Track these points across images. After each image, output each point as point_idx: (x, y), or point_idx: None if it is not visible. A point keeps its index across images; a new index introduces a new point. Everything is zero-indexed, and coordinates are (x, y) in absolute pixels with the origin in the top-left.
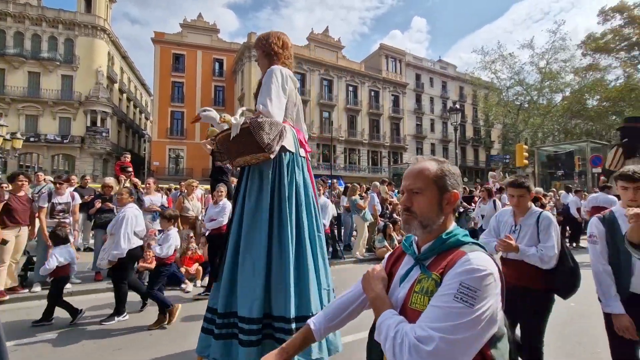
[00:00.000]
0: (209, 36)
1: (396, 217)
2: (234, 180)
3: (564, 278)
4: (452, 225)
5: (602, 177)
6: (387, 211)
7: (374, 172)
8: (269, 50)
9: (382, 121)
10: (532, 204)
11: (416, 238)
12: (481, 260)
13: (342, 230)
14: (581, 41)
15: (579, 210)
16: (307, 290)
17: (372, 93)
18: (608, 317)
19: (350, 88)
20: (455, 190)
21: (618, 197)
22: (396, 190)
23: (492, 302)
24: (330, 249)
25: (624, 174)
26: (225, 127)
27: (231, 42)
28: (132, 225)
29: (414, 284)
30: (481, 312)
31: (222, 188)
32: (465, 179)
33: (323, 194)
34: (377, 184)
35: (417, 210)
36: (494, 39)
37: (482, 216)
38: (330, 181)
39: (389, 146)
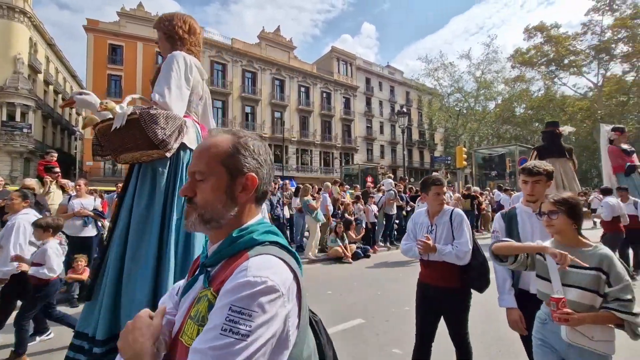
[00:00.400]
0: (150, 27)
1: (348, 217)
2: None
3: (476, 273)
4: (254, 219)
5: None
6: (339, 211)
7: (326, 172)
8: (172, 33)
9: (334, 122)
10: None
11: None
12: (260, 269)
13: (294, 232)
14: (510, 55)
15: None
16: None
17: (324, 94)
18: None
19: (303, 89)
20: (252, 173)
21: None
22: (348, 191)
23: (277, 325)
24: None
25: (524, 168)
26: (109, 115)
27: None
28: (25, 235)
29: (192, 303)
30: (260, 343)
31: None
32: (412, 179)
33: (274, 194)
34: (329, 184)
35: (198, 201)
36: (436, 49)
37: None
38: (282, 182)
39: (341, 147)
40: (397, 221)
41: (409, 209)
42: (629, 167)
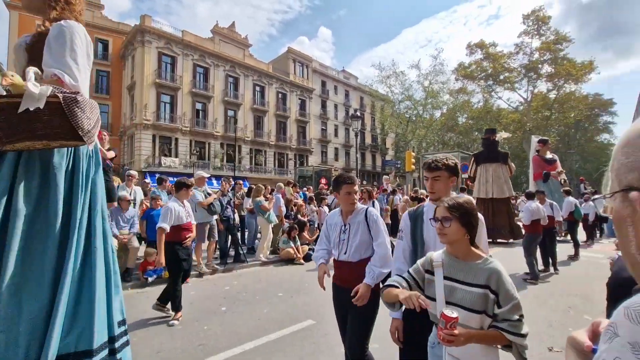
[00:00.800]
0: (89, 11)
1: (301, 218)
2: (117, 180)
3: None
4: None
5: (468, 182)
6: (292, 212)
7: (281, 173)
8: None
9: (289, 124)
10: (358, 203)
11: None
12: None
13: (246, 233)
14: (454, 68)
15: None
16: (90, 317)
17: (280, 95)
18: None
19: (258, 88)
20: None
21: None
22: (301, 192)
23: None
24: (233, 253)
25: (425, 163)
26: (3, 93)
27: (119, 23)
28: None
29: None
30: None
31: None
32: (365, 182)
33: (225, 194)
34: (282, 185)
35: None
36: (389, 57)
37: None
38: (234, 182)
39: (296, 148)
40: None
41: None
42: (545, 174)
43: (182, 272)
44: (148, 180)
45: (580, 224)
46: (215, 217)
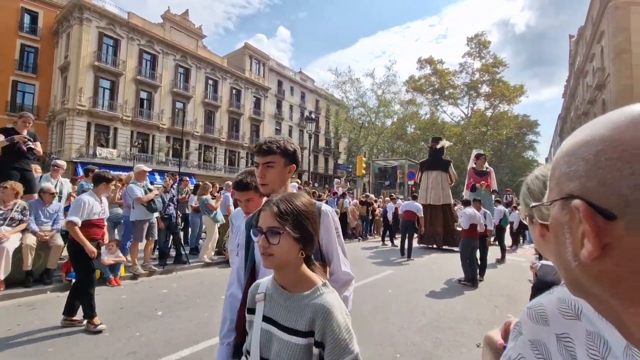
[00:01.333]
0: None
1: None
2: (37, 169)
3: None
4: None
5: (413, 188)
6: None
7: (231, 172)
8: None
9: (243, 121)
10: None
11: None
12: None
13: (189, 232)
14: (406, 80)
15: (395, 212)
16: None
17: (234, 91)
18: None
19: (211, 81)
20: None
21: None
22: None
23: None
24: (174, 253)
25: (256, 145)
26: None
27: None
28: None
29: None
30: None
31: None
32: (317, 184)
33: (168, 191)
34: (230, 183)
35: None
36: (345, 64)
37: None
38: (179, 178)
39: (248, 147)
40: None
41: None
42: (472, 185)
43: (92, 272)
44: (82, 174)
45: (507, 231)
46: (156, 215)
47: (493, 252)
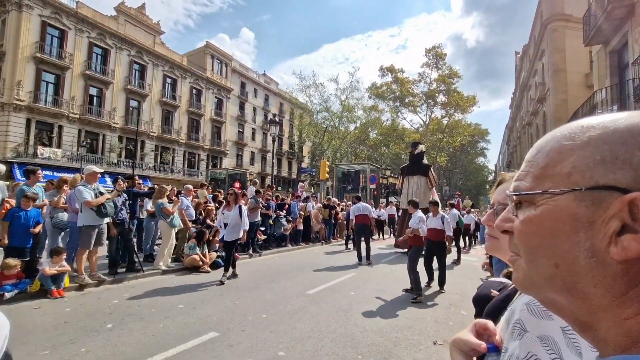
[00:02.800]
0: None
1: (210, 223)
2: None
3: None
4: None
5: (375, 192)
6: (200, 217)
7: (190, 175)
8: None
9: (203, 122)
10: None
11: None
12: None
13: (144, 238)
14: (368, 87)
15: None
16: None
17: (194, 91)
18: None
19: (169, 80)
20: None
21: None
22: (212, 195)
23: None
24: (126, 261)
25: None
26: None
27: None
28: None
29: None
30: None
31: None
32: (280, 188)
33: (119, 194)
34: (190, 186)
35: None
36: (309, 68)
37: (225, 224)
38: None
39: (209, 149)
40: (262, 228)
41: (274, 215)
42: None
43: None
44: (20, 177)
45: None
46: (107, 220)
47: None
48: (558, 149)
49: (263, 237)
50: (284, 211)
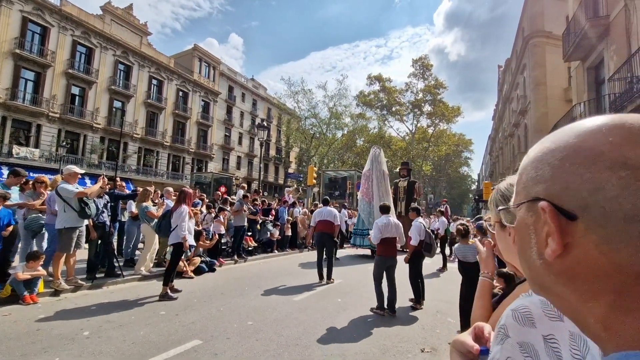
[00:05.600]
0: None
1: (195, 227)
2: None
3: None
4: None
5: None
6: None
7: (175, 178)
8: None
9: (189, 125)
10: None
11: None
12: None
13: (125, 242)
14: (356, 95)
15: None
16: None
17: (181, 93)
18: None
19: (155, 81)
20: None
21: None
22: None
23: None
24: (106, 265)
25: None
26: None
27: None
28: None
29: None
30: None
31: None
32: (266, 193)
33: (101, 196)
34: (170, 189)
35: None
36: (297, 75)
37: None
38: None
39: (194, 152)
40: (249, 233)
41: (260, 220)
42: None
43: None
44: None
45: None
46: (87, 222)
47: (436, 262)
48: (521, 166)
49: (253, 244)
50: (271, 216)
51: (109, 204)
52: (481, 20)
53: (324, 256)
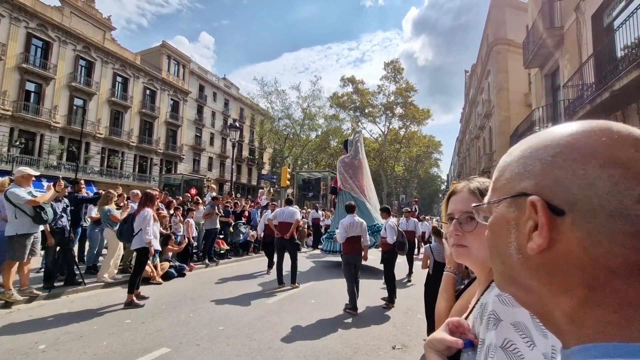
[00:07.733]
0: None
1: (162, 231)
2: None
3: None
4: None
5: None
6: None
7: (142, 180)
8: None
9: (157, 125)
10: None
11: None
12: None
13: (87, 248)
14: (329, 96)
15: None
16: None
17: (148, 92)
18: None
19: (119, 79)
20: None
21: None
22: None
23: None
24: (65, 273)
25: None
26: None
27: None
28: None
29: None
30: None
31: None
32: (239, 195)
33: (59, 200)
34: (137, 191)
35: None
36: (269, 75)
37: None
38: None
39: (163, 153)
40: (221, 236)
41: (232, 222)
42: (332, 188)
43: None
44: None
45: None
46: (42, 227)
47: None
48: (502, 165)
49: (226, 246)
50: (243, 219)
51: (69, 208)
52: (446, 28)
53: (282, 260)
